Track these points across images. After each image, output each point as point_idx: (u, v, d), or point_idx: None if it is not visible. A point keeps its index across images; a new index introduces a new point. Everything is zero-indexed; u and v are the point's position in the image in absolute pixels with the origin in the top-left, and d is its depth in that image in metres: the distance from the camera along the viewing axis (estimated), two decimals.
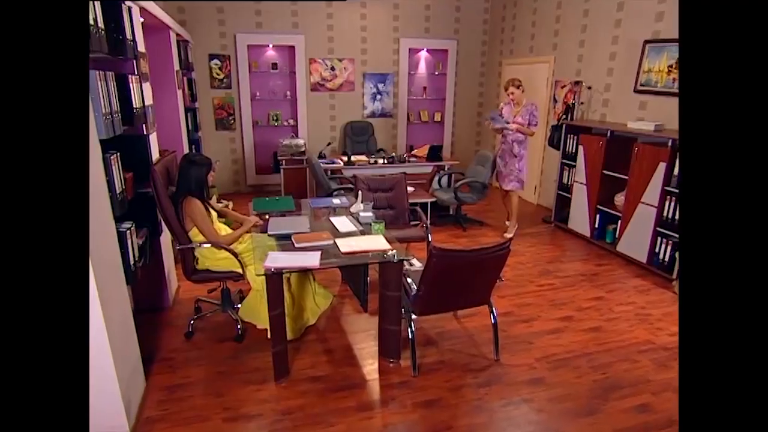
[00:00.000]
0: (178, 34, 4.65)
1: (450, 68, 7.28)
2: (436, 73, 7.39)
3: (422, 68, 7.40)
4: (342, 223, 3.06)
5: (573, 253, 4.62)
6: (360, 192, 3.48)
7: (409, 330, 2.65)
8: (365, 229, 2.95)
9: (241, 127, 6.58)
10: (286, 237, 2.76)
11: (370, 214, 3.14)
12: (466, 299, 2.73)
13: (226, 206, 5.55)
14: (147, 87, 3.01)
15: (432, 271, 2.43)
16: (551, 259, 4.45)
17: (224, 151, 6.63)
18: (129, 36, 2.56)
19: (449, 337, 3.04)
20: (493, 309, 2.78)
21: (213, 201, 5.56)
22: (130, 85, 2.52)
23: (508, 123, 4.81)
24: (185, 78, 4.91)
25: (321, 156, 5.83)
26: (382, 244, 2.67)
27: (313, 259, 2.42)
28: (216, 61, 6.21)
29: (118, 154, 2.22)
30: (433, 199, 5.26)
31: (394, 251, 2.58)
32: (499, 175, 5.06)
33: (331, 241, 2.68)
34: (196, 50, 6.03)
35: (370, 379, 2.61)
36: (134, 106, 2.57)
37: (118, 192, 2.18)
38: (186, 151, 4.57)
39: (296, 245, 2.63)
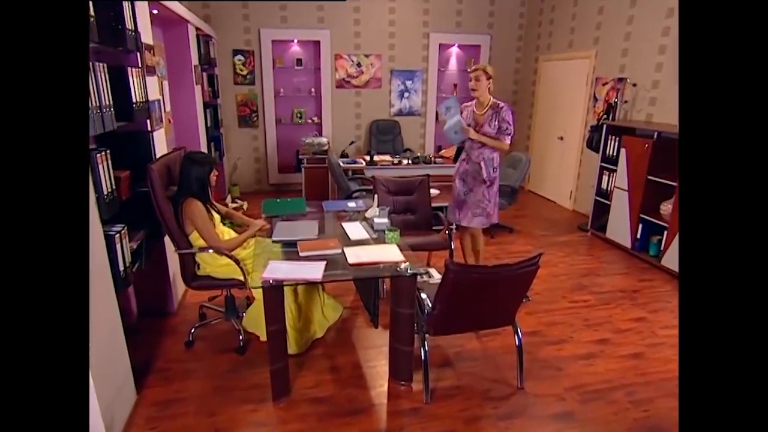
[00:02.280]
0: (198, 29, 4.54)
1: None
2: (468, 70, 7.04)
3: (453, 65, 7.08)
4: (354, 229, 2.82)
5: (611, 265, 4.22)
6: (376, 195, 3.23)
7: (422, 350, 2.39)
8: (380, 237, 2.71)
9: (264, 125, 6.45)
10: (293, 243, 2.55)
11: (385, 220, 2.89)
12: (486, 320, 2.44)
13: (240, 206, 5.47)
14: (153, 81, 2.86)
15: (448, 289, 2.15)
16: (586, 271, 4.07)
17: (247, 149, 6.52)
18: (129, 26, 2.40)
19: (468, 359, 2.75)
20: (518, 330, 2.48)
21: (228, 200, 5.48)
22: (129, 78, 2.36)
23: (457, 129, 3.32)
24: (205, 73, 4.80)
25: (343, 155, 5.63)
26: (395, 254, 2.41)
27: (315, 271, 2.19)
28: (240, 56, 6.10)
29: (108, 151, 2.05)
30: None
31: (407, 264, 2.32)
32: (456, 204, 3.55)
33: (339, 250, 2.45)
34: (220, 46, 5.94)
35: (378, 404, 2.36)
36: (134, 100, 2.41)
37: (105, 193, 2.01)
38: (204, 148, 4.46)
39: (300, 254, 2.41)
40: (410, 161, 5.27)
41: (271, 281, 2.13)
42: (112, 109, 2.10)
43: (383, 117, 6.80)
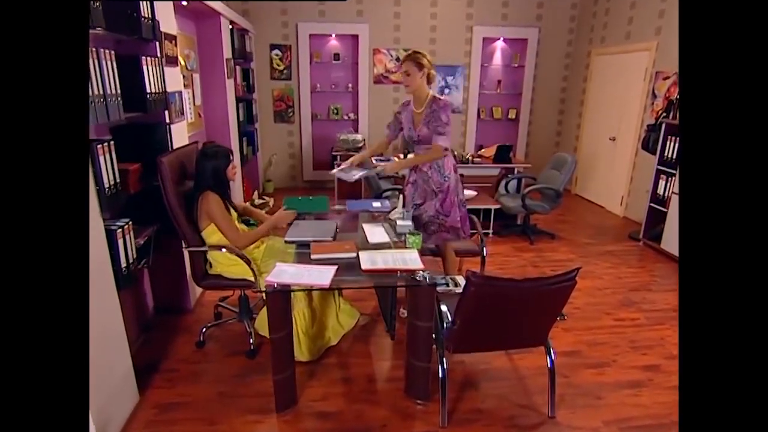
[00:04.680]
0: (233, 22, 4.49)
1: (529, 60, 6.53)
2: (514, 65, 6.68)
3: (497, 60, 6.73)
4: (375, 231, 2.63)
5: (665, 280, 3.79)
6: (402, 195, 3.02)
7: (440, 369, 2.16)
8: (402, 241, 2.50)
9: (300, 120, 6.38)
10: (307, 245, 2.39)
11: (408, 223, 2.67)
12: (513, 339, 2.18)
13: (266, 203, 5.40)
14: (174, 71, 2.80)
15: (469, 303, 1.92)
16: (636, 285, 3.67)
17: (282, 145, 6.48)
18: (146, 15, 2.32)
19: (494, 378, 2.49)
20: (551, 351, 2.20)
21: (255, 196, 5.43)
22: (144, 67, 2.28)
23: (373, 168, 3.04)
24: (239, 68, 4.76)
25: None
26: (414, 262, 2.19)
27: (323, 277, 2.01)
28: (277, 51, 6.05)
29: (112, 142, 1.96)
30: (498, 206, 4.65)
31: (427, 272, 2.10)
32: (416, 219, 2.92)
33: (354, 254, 2.27)
34: (258, 40, 5.92)
35: (388, 424, 2.15)
36: (148, 90, 2.33)
37: (107, 186, 1.92)
38: (234, 143, 4.42)
39: (312, 256, 2.24)
40: None
41: (275, 285, 1.98)
42: (119, 99, 2.01)
43: None
